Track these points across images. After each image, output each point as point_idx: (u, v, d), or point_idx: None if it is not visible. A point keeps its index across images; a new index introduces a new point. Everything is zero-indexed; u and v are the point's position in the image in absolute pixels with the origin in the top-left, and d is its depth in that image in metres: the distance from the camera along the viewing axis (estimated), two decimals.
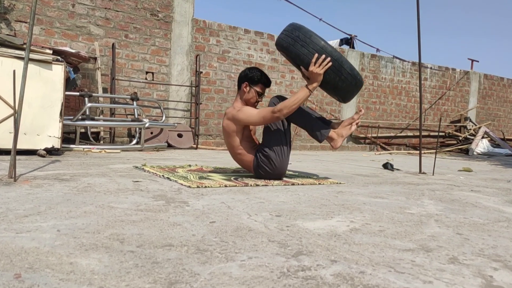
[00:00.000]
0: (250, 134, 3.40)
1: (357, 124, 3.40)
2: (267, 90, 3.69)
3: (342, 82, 3.12)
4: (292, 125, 3.42)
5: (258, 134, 8.56)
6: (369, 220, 1.98)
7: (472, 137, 10.61)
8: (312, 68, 3.05)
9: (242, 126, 3.27)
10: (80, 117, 5.81)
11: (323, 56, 3.03)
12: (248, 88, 3.37)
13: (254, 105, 3.41)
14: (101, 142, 6.72)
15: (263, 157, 3.25)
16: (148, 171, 3.55)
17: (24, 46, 4.63)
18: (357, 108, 10.02)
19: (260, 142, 3.41)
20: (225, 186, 2.87)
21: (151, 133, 6.92)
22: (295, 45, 3.09)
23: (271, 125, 3.26)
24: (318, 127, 3.27)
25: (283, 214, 2.03)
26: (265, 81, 3.42)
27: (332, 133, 3.32)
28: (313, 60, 3.04)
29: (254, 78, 3.38)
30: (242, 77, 3.41)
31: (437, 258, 1.44)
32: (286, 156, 3.28)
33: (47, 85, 4.72)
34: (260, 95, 3.41)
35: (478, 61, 12.72)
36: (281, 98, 3.31)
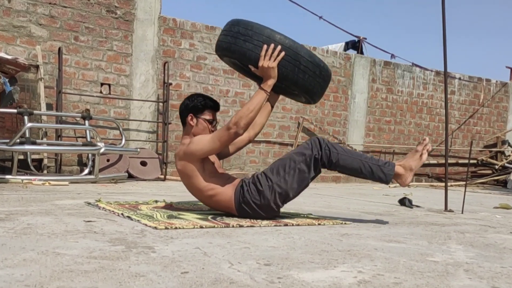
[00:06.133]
0: (215, 168, 3.41)
1: (428, 150, 3.39)
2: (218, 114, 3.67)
3: (303, 74, 3.21)
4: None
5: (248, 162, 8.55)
6: (382, 270, 2.00)
7: None
8: (262, 62, 3.13)
9: (199, 160, 3.29)
10: (18, 140, 5.79)
11: (272, 45, 3.12)
12: (194, 120, 3.42)
13: None
14: (45, 171, 6.68)
15: (251, 190, 3.26)
16: (103, 208, 3.54)
17: None
18: (366, 128, 10.07)
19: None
20: (201, 227, 2.88)
21: (108, 160, 6.91)
22: (237, 42, 3.18)
23: (291, 164, 3.25)
24: (377, 166, 3.30)
25: (273, 262, 2.05)
26: (212, 105, 3.49)
27: (398, 168, 3.34)
28: (262, 53, 3.12)
29: (197, 106, 3.43)
30: (183, 110, 3.47)
31: None
32: (283, 203, 3.35)
33: None
34: (212, 122, 3.46)
35: None
36: (321, 140, 3.32)
